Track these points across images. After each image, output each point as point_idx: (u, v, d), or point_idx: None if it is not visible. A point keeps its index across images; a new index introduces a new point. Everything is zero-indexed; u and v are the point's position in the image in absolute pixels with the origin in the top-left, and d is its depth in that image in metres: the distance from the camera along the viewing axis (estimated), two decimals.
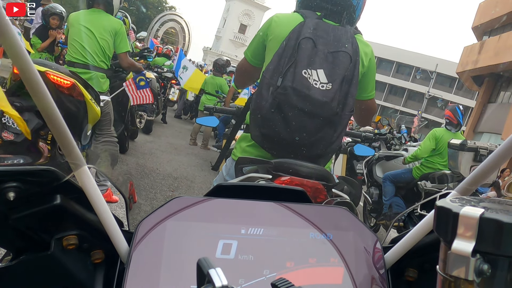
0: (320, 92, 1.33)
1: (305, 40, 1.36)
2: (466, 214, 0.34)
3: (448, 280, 0.35)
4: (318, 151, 1.42)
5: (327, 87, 1.34)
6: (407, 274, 0.69)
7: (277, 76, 1.36)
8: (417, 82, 37.09)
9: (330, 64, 1.35)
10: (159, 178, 4.57)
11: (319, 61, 1.35)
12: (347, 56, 1.37)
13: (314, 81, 1.34)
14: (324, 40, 1.38)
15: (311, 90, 1.33)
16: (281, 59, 1.37)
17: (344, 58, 1.37)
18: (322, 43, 1.37)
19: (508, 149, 0.53)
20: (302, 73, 1.33)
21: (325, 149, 1.43)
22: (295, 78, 1.33)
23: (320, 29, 1.40)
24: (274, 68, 1.38)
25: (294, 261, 0.63)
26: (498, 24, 17.60)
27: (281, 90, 1.33)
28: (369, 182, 4.68)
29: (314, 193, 1.34)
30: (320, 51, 1.36)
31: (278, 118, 1.36)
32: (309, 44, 1.36)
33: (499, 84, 18.32)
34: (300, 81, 1.32)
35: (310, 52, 1.35)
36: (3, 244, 0.59)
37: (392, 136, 5.98)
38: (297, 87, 1.32)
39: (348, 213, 0.70)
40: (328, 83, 1.34)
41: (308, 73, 1.34)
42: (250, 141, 1.54)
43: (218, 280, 0.37)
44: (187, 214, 0.62)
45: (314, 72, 1.34)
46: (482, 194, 3.66)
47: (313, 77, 1.34)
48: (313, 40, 1.36)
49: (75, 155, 0.55)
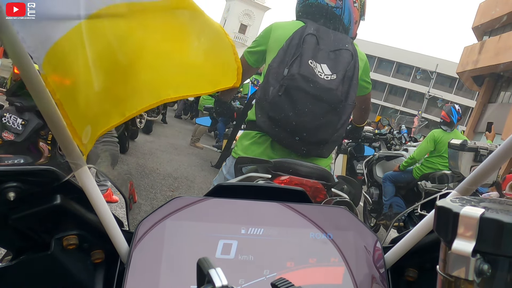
0: (325, 81, 1.41)
1: (309, 36, 1.45)
2: (466, 214, 0.34)
3: (448, 280, 0.35)
4: (323, 136, 1.46)
5: (331, 77, 1.42)
6: (407, 274, 0.68)
7: (283, 67, 1.43)
8: (417, 82, 37.10)
9: (333, 60, 1.44)
10: (159, 178, 4.57)
11: (322, 57, 1.43)
12: (348, 53, 1.47)
13: (319, 72, 1.42)
14: (325, 41, 1.47)
15: (318, 78, 1.40)
16: (287, 52, 1.45)
17: (346, 54, 1.46)
18: (324, 43, 1.46)
19: (508, 149, 0.53)
20: (308, 63, 1.41)
21: (330, 135, 1.47)
22: (302, 66, 1.40)
23: (321, 31, 1.49)
24: (281, 61, 1.45)
25: (294, 261, 0.63)
26: (499, 24, 17.59)
27: (289, 76, 1.40)
28: (369, 182, 4.68)
29: (314, 193, 1.34)
30: (322, 50, 1.45)
31: (285, 101, 1.41)
32: (313, 40, 1.45)
33: (499, 84, 18.32)
34: (307, 69, 1.40)
35: (314, 47, 1.44)
36: (3, 244, 0.59)
37: (392, 136, 5.97)
38: (304, 73, 1.39)
39: (348, 213, 0.70)
40: (332, 74, 1.42)
41: (314, 64, 1.42)
42: (251, 138, 1.57)
43: (218, 280, 0.37)
44: (187, 214, 0.62)
45: (318, 65, 1.42)
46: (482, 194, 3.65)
47: (317, 69, 1.42)
48: (316, 37, 1.46)
49: (75, 155, 0.55)
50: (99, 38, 0.55)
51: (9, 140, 2.66)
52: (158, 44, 0.62)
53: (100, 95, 0.57)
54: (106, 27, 0.55)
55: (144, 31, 0.60)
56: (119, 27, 0.57)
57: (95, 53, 0.55)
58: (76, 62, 0.54)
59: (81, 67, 0.54)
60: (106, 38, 0.56)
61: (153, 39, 0.62)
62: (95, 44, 0.54)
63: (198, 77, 0.68)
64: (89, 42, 0.53)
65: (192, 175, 5.14)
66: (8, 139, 2.66)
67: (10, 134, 2.67)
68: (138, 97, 0.63)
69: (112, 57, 0.57)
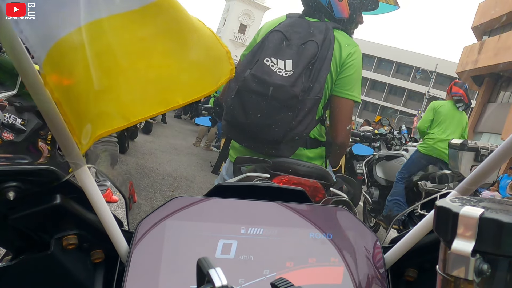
0: (280, 78, 1.39)
1: (273, 33, 1.46)
2: (466, 214, 0.34)
3: (448, 280, 0.35)
4: (277, 134, 1.41)
5: (289, 73, 1.40)
6: (407, 274, 0.69)
7: (246, 69, 1.45)
8: (417, 82, 37.11)
9: (299, 54, 1.42)
10: (159, 178, 4.57)
11: (289, 53, 1.42)
12: (314, 45, 1.43)
13: (279, 69, 1.40)
14: (298, 35, 1.46)
15: (272, 76, 1.39)
16: (254, 53, 1.47)
17: (311, 46, 1.43)
18: (296, 37, 1.45)
19: (508, 149, 0.53)
20: (264, 61, 1.41)
21: (285, 133, 1.41)
22: (257, 66, 1.41)
23: (297, 25, 1.49)
24: (245, 62, 1.47)
25: (294, 261, 0.63)
26: (498, 24, 17.60)
27: (242, 78, 1.42)
28: (369, 182, 4.68)
29: (312, 192, 1.34)
30: (292, 44, 1.43)
31: (237, 103, 1.43)
32: (277, 36, 1.45)
33: (499, 84, 18.32)
34: (261, 69, 1.40)
35: (278, 43, 1.44)
36: (3, 244, 0.59)
37: (392, 136, 5.97)
38: (255, 74, 1.40)
39: (348, 213, 0.70)
40: (291, 70, 1.40)
41: (272, 62, 1.41)
42: None
43: (218, 280, 0.37)
44: (187, 214, 0.62)
45: (281, 62, 1.41)
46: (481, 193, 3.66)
47: (278, 66, 1.41)
48: (283, 33, 1.45)
49: (75, 155, 0.55)
50: (100, 40, 0.55)
51: (9, 140, 2.66)
52: (157, 48, 0.62)
53: (100, 96, 0.57)
54: (106, 31, 0.55)
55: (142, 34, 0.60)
56: (119, 31, 0.57)
57: (96, 54, 0.55)
58: (76, 62, 0.54)
59: (81, 67, 0.54)
60: (107, 41, 0.56)
61: (152, 43, 0.62)
62: (96, 45, 0.55)
63: (200, 76, 0.67)
64: (89, 43, 0.54)
65: (192, 175, 5.14)
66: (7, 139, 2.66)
67: (10, 134, 2.67)
68: (145, 103, 0.62)
69: (113, 59, 0.57)
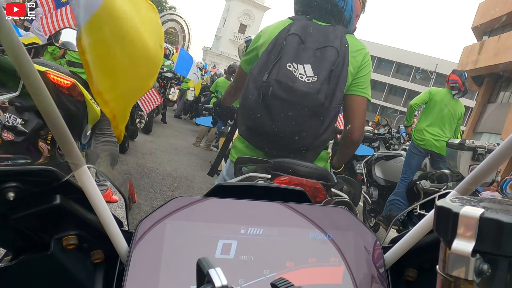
0: (305, 84, 1.36)
1: (291, 36, 1.41)
2: (466, 214, 0.34)
3: (448, 280, 0.35)
4: (304, 142, 1.42)
5: (312, 79, 1.36)
6: (407, 274, 0.69)
7: (264, 72, 1.40)
8: (417, 82, 37.08)
9: (318, 59, 1.39)
10: (159, 178, 4.56)
11: (306, 57, 1.38)
12: (334, 51, 1.40)
13: (300, 75, 1.37)
14: (313, 38, 1.42)
15: (296, 83, 1.36)
16: (270, 56, 1.42)
17: (331, 52, 1.40)
18: (310, 40, 1.41)
19: (508, 149, 0.53)
20: (287, 66, 1.37)
21: (312, 141, 1.42)
22: (280, 71, 1.36)
23: (308, 28, 1.44)
24: (262, 64, 1.42)
25: (294, 261, 0.63)
26: (498, 24, 17.59)
27: (265, 83, 1.37)
28: (368, 182, 4.68)
29: (313, 193, 1.34)
30: (308, 48, 1.40)
31: (262, 110, 1.39)
32: (295, 39, 1.40)
33: (499, 84, 18.32)
34: (284, 74, 1.36)
35: (296, 47, 1.39)
36: (3, 244, 0.59)
37: (391, 136, 5.97)
38: (281, 79, 1.36)
39: (348, 213, 0.70)
40: (314, 76, 1.37)
41: (294, 67, 1.37)
42: (244, 142, 1.56)
43: (218, 280, 0.37)
44: (186, 214, 0.62)
45: (301, 67, 1.37)
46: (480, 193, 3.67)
47: (299, 71, 1.37)
48: (300, 36, 1.41)
49: (75, 155, 0.55)
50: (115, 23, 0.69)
51: (9, 140, 2.66)
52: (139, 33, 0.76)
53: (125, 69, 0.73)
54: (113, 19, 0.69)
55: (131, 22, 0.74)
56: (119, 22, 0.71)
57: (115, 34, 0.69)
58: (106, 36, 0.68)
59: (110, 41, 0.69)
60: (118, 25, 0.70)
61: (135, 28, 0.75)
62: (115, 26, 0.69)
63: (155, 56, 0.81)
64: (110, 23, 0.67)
65: (191, 175, 5.14)
66: (7, 139, 2.66)
67: (10, 134, 2.67)
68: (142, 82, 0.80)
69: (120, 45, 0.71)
